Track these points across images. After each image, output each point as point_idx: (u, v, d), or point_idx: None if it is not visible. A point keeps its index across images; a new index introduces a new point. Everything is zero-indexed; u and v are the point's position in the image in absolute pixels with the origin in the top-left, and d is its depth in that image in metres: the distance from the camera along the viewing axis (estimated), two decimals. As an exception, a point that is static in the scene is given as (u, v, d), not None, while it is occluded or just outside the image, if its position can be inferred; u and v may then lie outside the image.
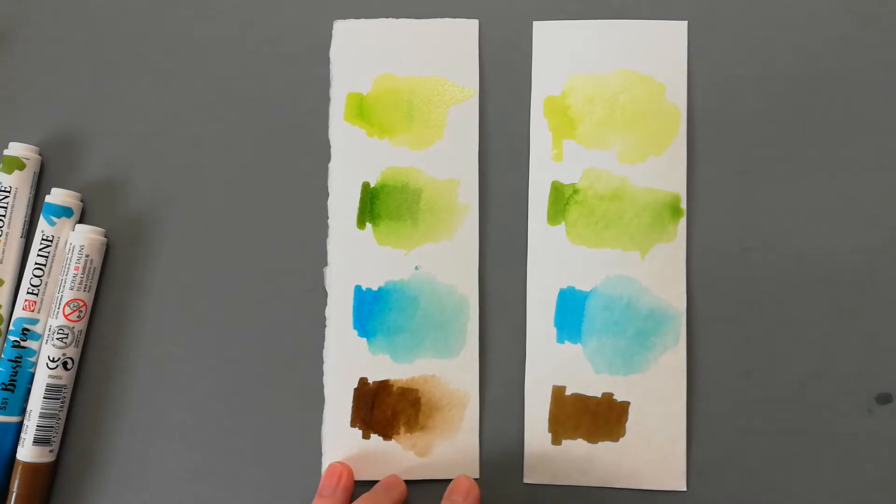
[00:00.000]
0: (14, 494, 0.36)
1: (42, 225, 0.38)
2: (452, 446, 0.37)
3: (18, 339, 0.38)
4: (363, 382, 0.38)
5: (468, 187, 0.38)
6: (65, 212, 0.39)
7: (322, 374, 0.38)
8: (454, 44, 0.39)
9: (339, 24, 0.40)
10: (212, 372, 0.39)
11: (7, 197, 0.38)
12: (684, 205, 0.38)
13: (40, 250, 0.38)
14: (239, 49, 0.40)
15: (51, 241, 0.38)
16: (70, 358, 0.38)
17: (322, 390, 0.38)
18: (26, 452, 0.37)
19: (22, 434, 0.37)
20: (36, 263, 0.38)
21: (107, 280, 0.39)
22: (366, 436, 0.38)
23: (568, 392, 0.37)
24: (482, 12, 0.40)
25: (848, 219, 0.38)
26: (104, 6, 0.41)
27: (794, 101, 0.39)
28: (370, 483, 0.36)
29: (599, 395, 0.37)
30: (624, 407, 0.37)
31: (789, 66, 0.39)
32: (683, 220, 0.38)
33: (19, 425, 0.37)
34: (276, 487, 0.38)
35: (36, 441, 0.37)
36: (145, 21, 0.41)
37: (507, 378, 0.38)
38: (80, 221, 0.39)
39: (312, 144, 0.39)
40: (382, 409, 0.38)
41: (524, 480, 0.37)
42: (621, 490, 0.37)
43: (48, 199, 0.39)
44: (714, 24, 0.39)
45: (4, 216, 0.38)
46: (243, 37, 0.40)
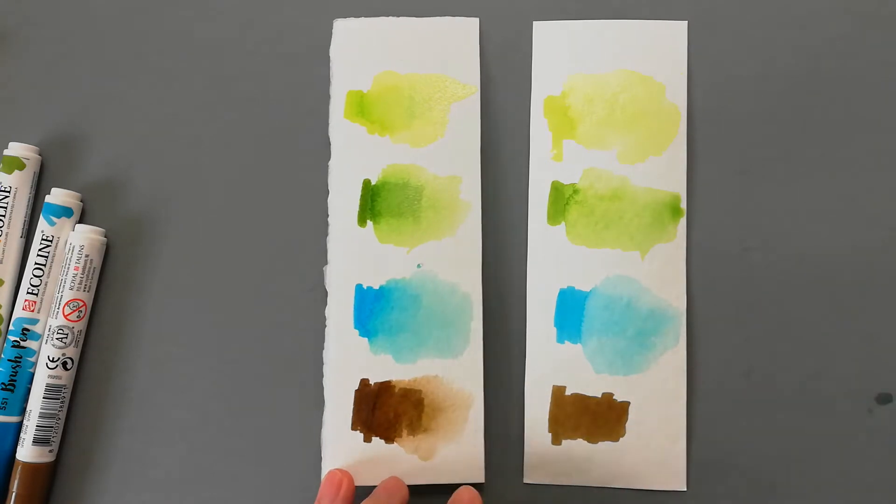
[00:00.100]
0: (14, 494, 0.36)
1: (42, 225, 0.38)
2: (456, 449, 0.37)
3: (18, 339, 0.38)
4: (364, 383, 0.37)
5: (470, 184, 0.38)
6: (65, 212, 0.39)
7: (322, 375, 0.38)
8: (455, 42, 0.39)
9: (340, 23, 0.39)
10: (212, 372, 0.38)
11: (7, 197, 0.38)
12: (684, 205, 0.38)
13: (40, 250, 0.38)
14: (239, 49, 0.40)
15: (51, 241, 0.38)
16: (70, 358, 0.38)
17: (322, 390, 0.37)
18: (26, 452, 0.37)
19: (22, 434, 0.37)
20: (36, 263, 0.38)
21: (107, 280, 0.39)
22: (367, 439, 0.37)
23: (568, 392, 0.37)
24: (482, 12, 0.39)
25: (848, 219, 0.38)
26: (104, 6, 0.41)
27: (794, 101, 0.39)
28: (371, 489, 0.35)
29: (599, 395, 0.37)
30: (624, 407, 0.37)
31: (789, 66, 0.39)
32: (683, 220, 0.38)
33: (19, 425, 0.37)
34: (276, 488, 0.38)
35: (36, 441, 0.37)
36: (145, 21, 0.41)
37: (507, 378, 0.38)
38: (80, 221, 0.39)
39: (312, 143, 0.39)
40: (384, 411, 0.37)
41: (524, 480, 0.37)
42: (621, 490, 0.37)
43: (48, 199, 0.39)
44: (714, 24, 0.39)
45: (4, 216, 0.38)
46: (243, 37, 0.40)
